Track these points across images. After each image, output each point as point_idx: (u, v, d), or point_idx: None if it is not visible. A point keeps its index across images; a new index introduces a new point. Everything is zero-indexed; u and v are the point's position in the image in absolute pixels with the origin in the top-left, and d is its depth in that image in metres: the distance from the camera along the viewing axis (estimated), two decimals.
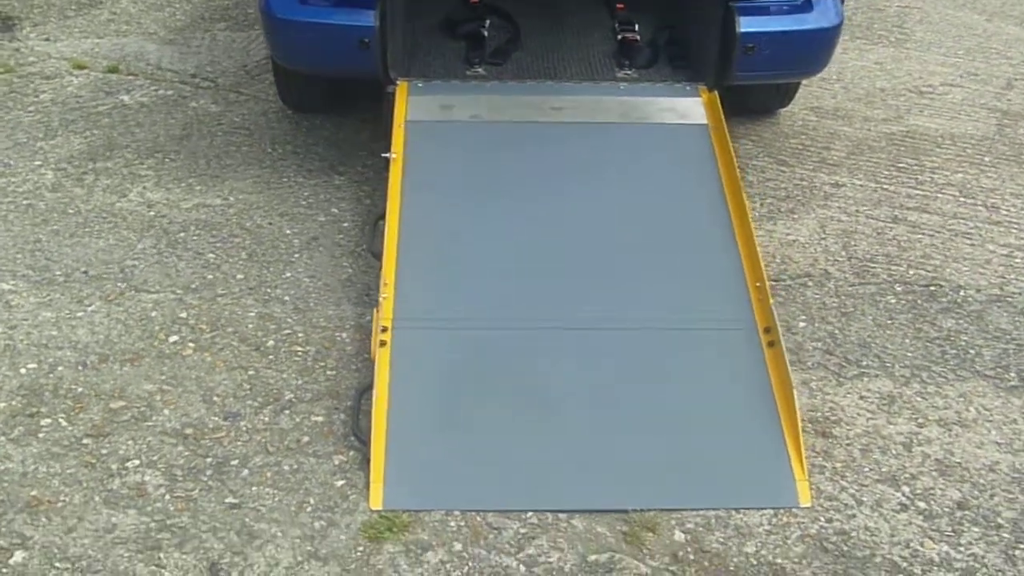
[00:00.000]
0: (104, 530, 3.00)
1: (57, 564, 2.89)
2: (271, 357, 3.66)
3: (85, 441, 3.30)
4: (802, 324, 3.91)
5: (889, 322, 3.96)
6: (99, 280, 4.04)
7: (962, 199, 4.83)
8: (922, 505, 3.18)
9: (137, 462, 3.23)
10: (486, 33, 4.73)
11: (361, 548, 2.96)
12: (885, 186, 4.90)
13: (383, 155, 4.02)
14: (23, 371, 3.57)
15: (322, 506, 3.08)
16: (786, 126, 5.40)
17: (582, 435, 3.21)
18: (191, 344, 3.72)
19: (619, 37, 4.74)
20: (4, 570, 2.87)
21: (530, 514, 3.06)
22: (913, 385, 3.65)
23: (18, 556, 2.91)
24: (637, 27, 4.81)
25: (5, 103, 5.47)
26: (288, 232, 4.35)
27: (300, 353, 3.68)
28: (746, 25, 4.15)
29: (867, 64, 6.30)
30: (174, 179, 4.74)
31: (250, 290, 3.99)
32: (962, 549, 3.05)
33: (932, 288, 4.17)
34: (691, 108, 4.27)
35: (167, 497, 3.11)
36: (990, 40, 6.85)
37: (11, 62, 5.96)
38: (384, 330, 3.42)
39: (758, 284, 3.60)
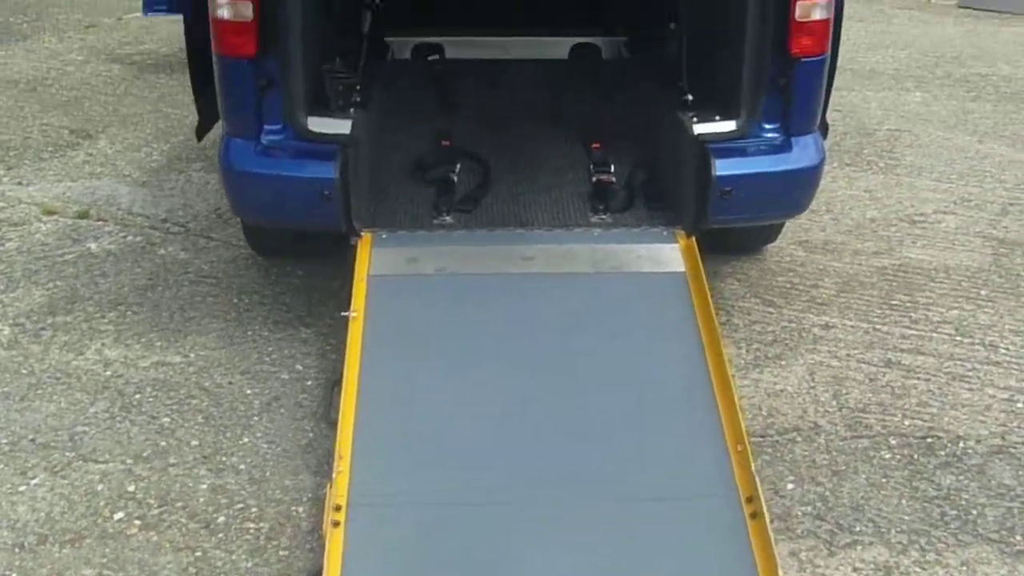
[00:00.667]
0: None
1: None
2: (221, 535, 3.42)
3: None
4: (790, 486, 3.66)
5: (884, 480, 3.71)
6: (46, 449, 3.82)
7: (959, 338, 4.61)
8: None
9: None
10: (456, 178, 4.56)
11: None
12: (877, 326, 4.69)
13: (342, 314, 3.83)
14: None
15: None
16: (773, 263, 5.21)
17: None
18: (137, 521, 3.48)
19: (594, 179, 4.57)
20: None
21: None
22: (911, 553, 3.39)
23: None
24: (613, 168, 4.64)
25: None
26: (248, 392, 4.14)
27: (252, 530, 3.44)
28: (722, 168, 3.98)
29: (857, 193, 6.15)
30: (134, 334, 4.55)
31: (204, 459, 3.77)
32: None
33: (929, 440, 3.93)
34: (667, 255, 4.08)
35: None
36: (983, 163, 6.72)
37: None
38: (338, 508, 3.18)
39: (739, 447, 3.36)
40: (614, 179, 4.56)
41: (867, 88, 8.32)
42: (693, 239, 4.11)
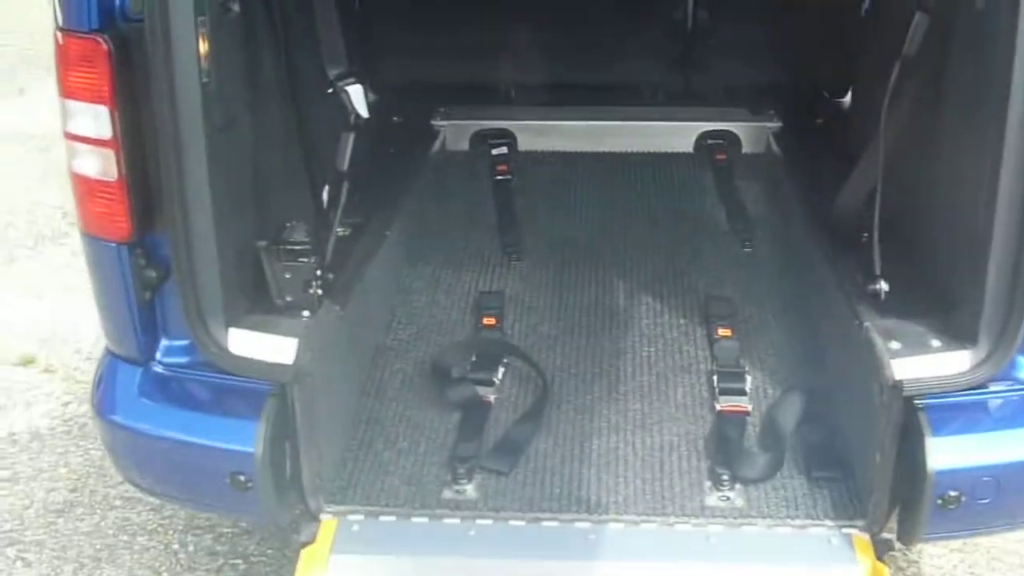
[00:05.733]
0: None
1: None
2: None
3: None
4: None
5: None
6: None
7: None
8: None
9: None
10: (492, 398, 2.83)
11: None
12: None
13: None
14: None
15: None
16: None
17: None
18: None
19: (717, 406, 2.78)
20: None
21: None
22: None
23: None
24: (749, 381, 2.84)
25: None
26: None
27: None
28: (944, 453, 2.18)
29: None
30: None
31: None
32: None
33: None
34: None
35: None
36: None
37: None
38: None
39: None
40: (749, 408, 2.77)
41: None
42: (887, 566, 2.31)
